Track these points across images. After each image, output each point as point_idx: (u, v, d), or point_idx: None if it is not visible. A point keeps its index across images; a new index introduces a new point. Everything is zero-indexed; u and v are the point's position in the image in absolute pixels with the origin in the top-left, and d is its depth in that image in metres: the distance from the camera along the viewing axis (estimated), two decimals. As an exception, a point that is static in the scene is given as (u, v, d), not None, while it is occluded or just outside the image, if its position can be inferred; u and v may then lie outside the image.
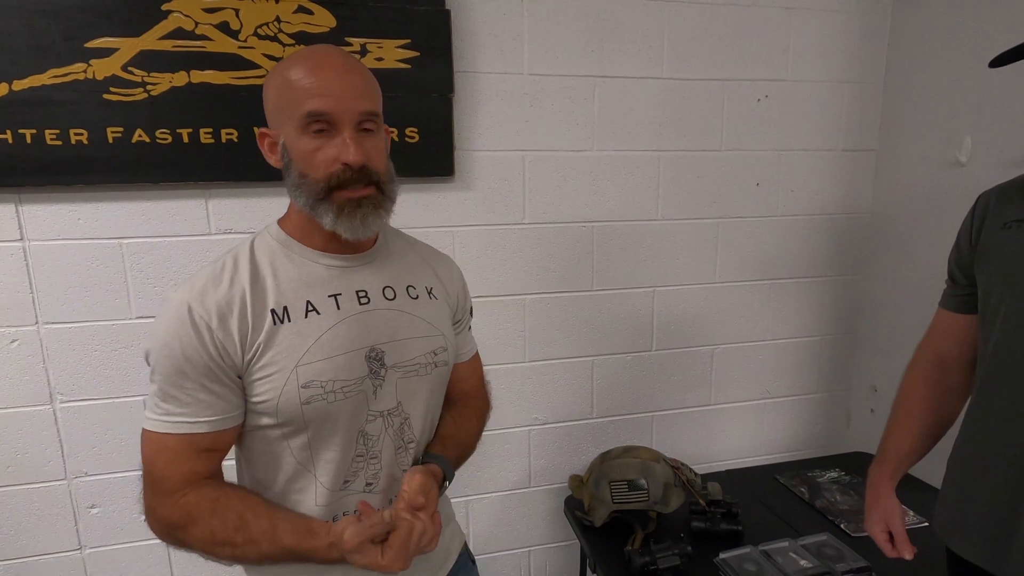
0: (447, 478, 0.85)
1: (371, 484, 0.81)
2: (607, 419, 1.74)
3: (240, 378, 0.74)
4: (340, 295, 0.79)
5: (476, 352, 1.05)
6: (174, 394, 0.72)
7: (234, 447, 0.80)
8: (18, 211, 1.28)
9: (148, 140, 1.28)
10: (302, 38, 1.31)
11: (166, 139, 1.29)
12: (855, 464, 1.72)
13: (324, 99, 0.72)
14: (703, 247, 1.71)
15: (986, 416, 0.90)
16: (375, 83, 0.78)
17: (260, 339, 0.73)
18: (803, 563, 1.28)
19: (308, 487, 0.78)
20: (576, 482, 1.59)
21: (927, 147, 1.59)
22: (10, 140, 1.21)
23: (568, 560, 1.80)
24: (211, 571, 0.91)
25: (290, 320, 0.75)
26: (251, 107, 1.30)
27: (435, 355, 0.86)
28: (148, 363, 0.74)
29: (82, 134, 1.24)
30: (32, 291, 1.32)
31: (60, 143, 1.24)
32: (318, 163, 0.74)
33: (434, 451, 0.87)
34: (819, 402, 1.92)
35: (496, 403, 1.10)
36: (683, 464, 1.60)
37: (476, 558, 1.05)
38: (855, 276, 1.85)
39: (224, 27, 1.28)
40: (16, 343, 1.33)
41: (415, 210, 1.48)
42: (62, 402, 1.38)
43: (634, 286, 1.68)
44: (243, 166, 1.33)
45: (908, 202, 1.67)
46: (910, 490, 1.30)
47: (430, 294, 0.89)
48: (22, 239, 1.30)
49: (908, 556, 1.00)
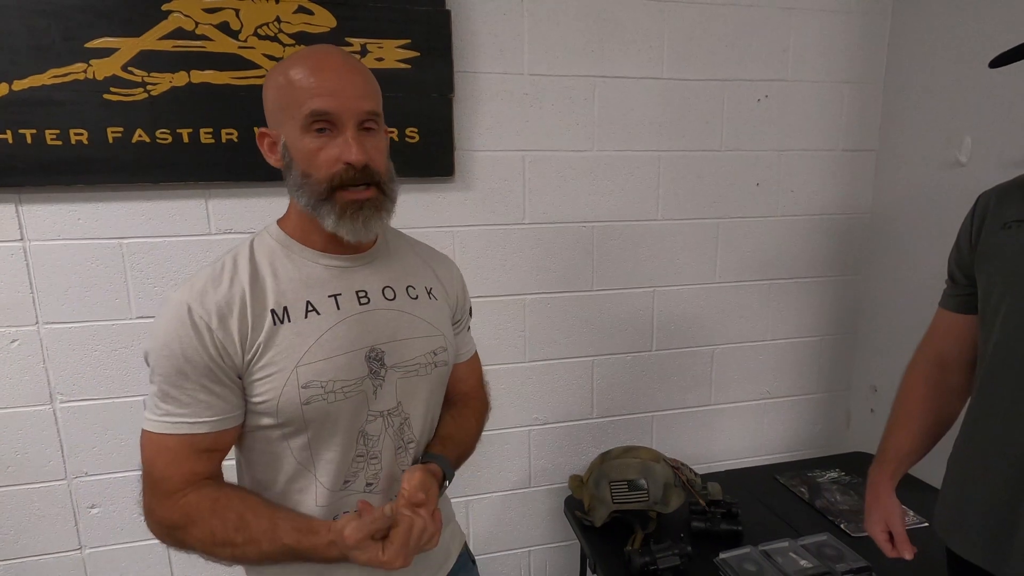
0: (447, 478, 0.85)
1: (371, 484, 0.81)
2: (607, 419, 1.74)
3: (240, 378, 0.74)
4: (340, 295, 0.79)
5: (475, 352, 1.05)
6: (174, 395, 0.72)
7: (234, 448, 0.80)
8: (18, 211, 1.28)
9: (148, 140, 1.28)
10: (302, 38, 1.31)
11: (166, 139, 1.29)
12: (855, 464, 1.72)
13: (326, 99, 0.72)
14: (703, 247, 1.71)
15: (986, 416, 0.90)
16: (376, 83, 0.78)
17: (260, 339, 0.73)
18: (803, 563, 1.28)
19: (308, 487, 0.78)
20: (576, 482, 1.59)
21: (927, 147, 1.59)
22: (10, 140, 1.21)
23: (568, 560, 1.80)
24: (211, 572, 0.90)
25: (290, 320, 0.75)
26: (251, 107, 1.30)
27: (435, 355, 0.86)
28: (148, 364, 0.74)
29: (82, 134, 1.24)
30: (32, 291, 1.32)
31: (60, 143, 1.24)
32: (320, 163, 0.74)
33: (434, 451, 0.87)
34: (819, 402, 1.92)
35: (496, 403, 1.10)
36: (683, 464, 1.60)
37: (476, 558, 1.05)
38: (855, 276, 1.85)
39: (224, 27, 1.28)
40: (16, 343, 1.33)
41: (415, 210, 1.48)
42: (62, 402, 1.38)
43: (634, 286, 1.68)
44: (243, 166, 1.34)
45: (908, 202, 1.67)
46: (910, 490, 1.30)
47: (430, 294, 0.89)
48: (22, 239, 1.30)
49: (908, 556, 1.00)
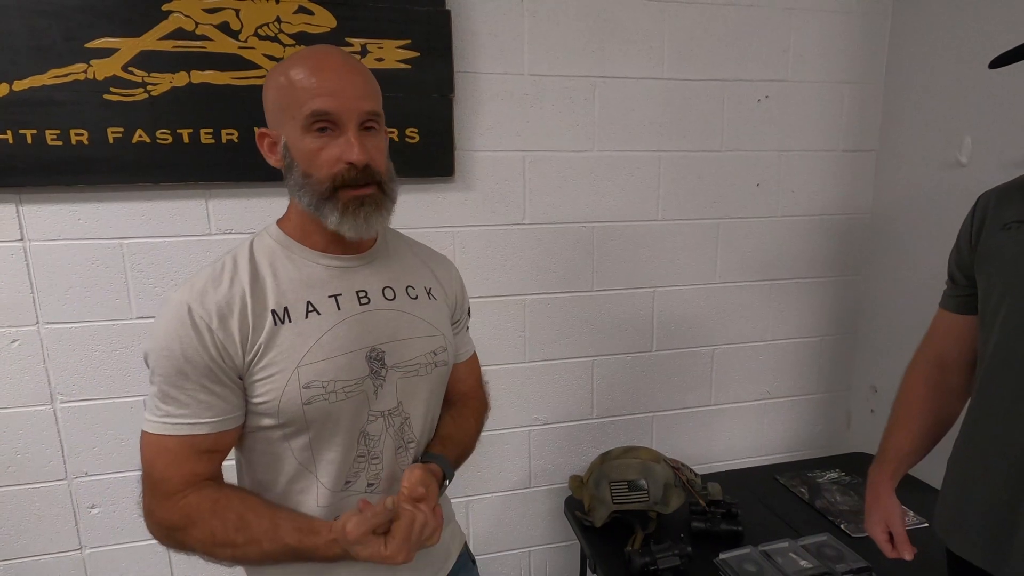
0: (447, 477, 0.85)
1: (373, 484, 0.81)
2: (607, 419, 1.74)
3: (241, 379, 0.74)
4: (340, 295, 0.79)
5: (474, 352, 1.05)
6: (174, 395, 0.72)
7: (234, 449, 0.80)
8: (19, 211, 1.28)
9: (148, 140, 1.28)
10: (302, 38, 1.31)
11: (166, 139, 1.29)
12: (855, 464, 1.72)
13: (327, 99, 0.72)
14: (703, 247, 1.71)
15: (986, 417, 0.90)
16: (376, 83, 0.78)
17: (261, 340, 0.73)
18: (803, 563, 1.28)
19: (309, 488, 0.78)
20: (576, 482, 1.59)
21: (927, 147, 1.59)
22: (10, 140, 1.21)
23: (568, 560, 1.80)
24: (212, 572, 0.90)
25: (291, 320, 0.75)
26: (251, 107, 1.30)
27: (435, 355, 0.86)
28: (147, 365, 0.73)
29: (82, 134, 1.25)
30: (33, 291, 1.32)
31: (61, 143, 1.24)
32: (322, 162, 0.74)
33: (434, 451, 0.87)
34: (819, 402, 1.92)
35: (496, 403, 1.10)
36: (683, 464, 1.60)
37: (476, 558, 1.05)
38: (855, 276, 1.85)
39: (224, 27, 1.28)
40: (17, 343, 1.33)
41: (415, 210, 1.48)
42: (62, 402, 1.38)
43: (634, 286, 1.68)
44: (243, 166, 1.34)
45: (908, 202, 1.67)
46: (910, 490, 1.30)
47: (429, 294, 0.89)
48: (23, 239, 1.30)
49: (908, 557, 1.00)
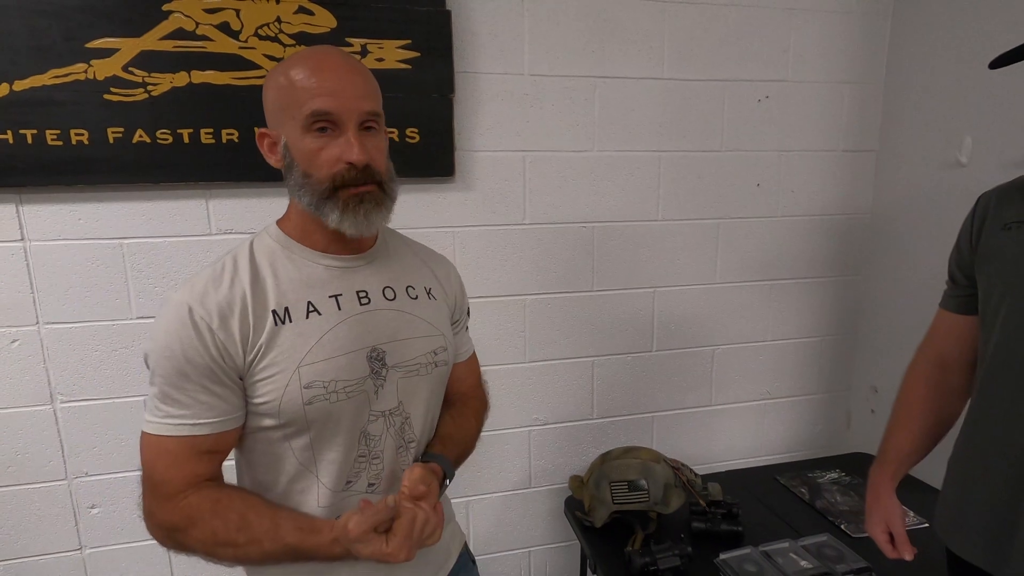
0: (447, 477, 0.85)
1: (373, 484, 0.81)
2: (607, 420, 1.74)
3: (241, 379, 0.74)
4: (341, 295, 0.79)
5: (473, 352, 1.05)
6: (175, 396, 0.72)
7: (234, 449, 0.80)
8: (19, 211, 1.28)
9: (149, 140, 1.28)
10: (303, 39, 1.31)
11: (167, 139, 1.29)
12: (855, 465, 1.72)
13: (327, 99, 0.72)
14: (703, 247, 1.71)
15: (986, 417, 0.90)
16: (376, 83, 0.78)
17: (262, 340, 0.73)
18: (803, 564, 1.28)
19: (310, 488, 0.78)
20: (576, 483, 1.59)
21: (927, 147, 1.59)
22: (11, 140, 1.21)
23: (568, 561, 1.80)
24: (212, 572, 0.90)
25: (291, 321, 0.75)
26: (252, 107, 1.30)
27: (435, 355, 0.86)
28: (148, 365, 0.73)
29: (83, 134, 1.24)
30: (33, 291, 1.32)
31: (61, 143, 1.24)
32: (322, 162, 0.74)
33: (434, 451, 0.87)
34: (819, 403, 1.92)
35: (496, 403, 1.10)
36: (683, 465, 1.59)
37: (476, 558, 1.05)
38: (855, 277, 1.85)
39: (225, 27, 1.28)
40: (17, 343, 1.33)
41: (415, 210, 1.48)
42: (62, 402, 1.38)
43: (634, 286, 1.68)
44: (244, 166, 1.34)
45: (908, 202, 1.67)
46: (910, 491, 1.30)
47: (429, 294, 0.89)
48: (23, 239, 1.30)
49: (908, 557, 1.00)
